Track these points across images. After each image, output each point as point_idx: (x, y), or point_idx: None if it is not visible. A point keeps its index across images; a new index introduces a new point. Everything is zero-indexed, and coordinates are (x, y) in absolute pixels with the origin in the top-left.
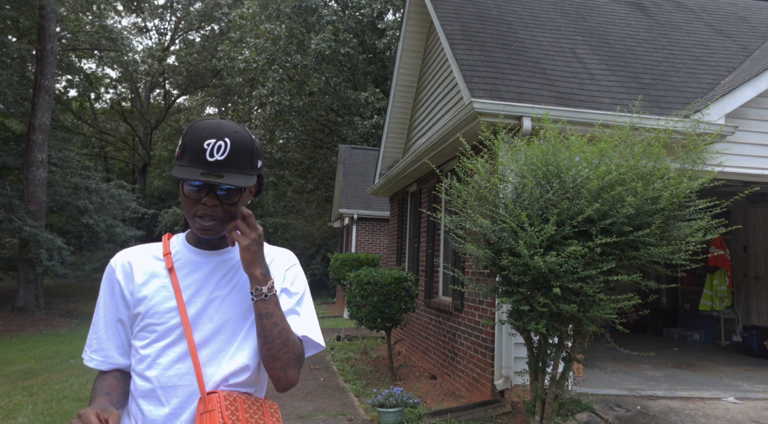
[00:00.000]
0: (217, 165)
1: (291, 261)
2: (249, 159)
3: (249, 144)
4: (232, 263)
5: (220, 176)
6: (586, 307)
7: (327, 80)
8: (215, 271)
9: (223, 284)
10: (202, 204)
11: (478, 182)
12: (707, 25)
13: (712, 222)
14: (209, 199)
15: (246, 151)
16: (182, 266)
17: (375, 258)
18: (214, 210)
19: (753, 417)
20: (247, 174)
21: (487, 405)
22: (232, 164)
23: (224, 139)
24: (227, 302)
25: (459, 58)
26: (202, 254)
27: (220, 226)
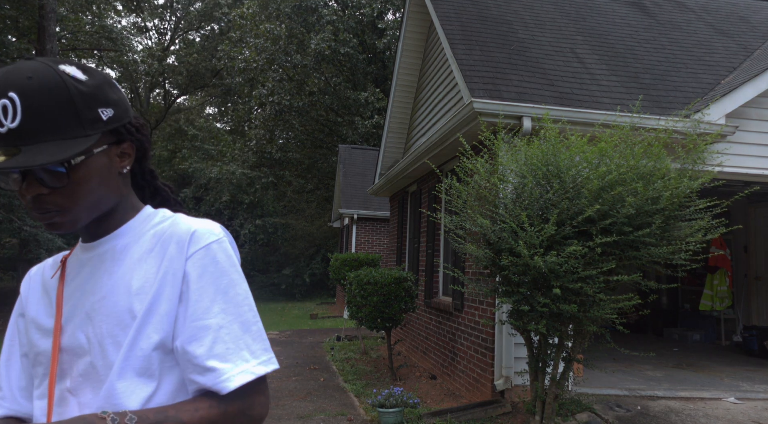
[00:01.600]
0: (13, 137)
1: (196, 242)
2: (67, 113)
3: (58, 89)
4: (114, 252)
5: (13, 154)
6: (586, 307)
7: (327, 80)
8: (96, 268)
9: (100, 285)
10: (23, 196)
11: (478, 182)
12: (708, 24)
13: (712, 222)
14: (29, 187)
15: (56, 102)
16: (70, 270)
17: (375, 258)
18: (47, 199)
19: (753, 417)
20: (69, 137)
21: (487, 405)
22: (35, 131)
23: (8, 94)
24: (103, 309)
25: (459, 58)
26: (83, 249)
27: (71, 217)
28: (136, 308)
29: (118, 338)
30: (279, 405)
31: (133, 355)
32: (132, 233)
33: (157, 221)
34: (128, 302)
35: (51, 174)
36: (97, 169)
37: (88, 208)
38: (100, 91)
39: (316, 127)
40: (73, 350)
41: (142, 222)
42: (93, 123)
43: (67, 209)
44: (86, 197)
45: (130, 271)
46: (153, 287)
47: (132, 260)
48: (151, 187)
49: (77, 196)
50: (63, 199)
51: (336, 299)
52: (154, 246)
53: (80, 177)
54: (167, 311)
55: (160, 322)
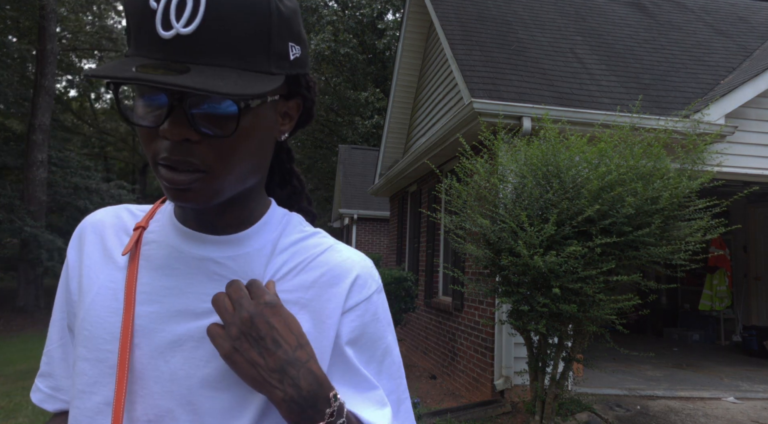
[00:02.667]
0: (179, 47)
1: (367, 287)
2: (260, 37)
3: (259, 4)
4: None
5: (180, 71)
6: (586, 307)
7: (327, 80)
8: (205, 273)
9: (196, 307)
10: (162, 138)
11: (478, 182)
12: (707, 25)
13: (711, 222)
14: (174, 126)
15: (251, 19)
16: (152, 256)
17: (375, 258)
18: (192, 149)
19: (753, 417)
20: (252, 69)
21: (487, 405)
22: (214, 46)
23: None
24: (185, 350)
25: (459, 58)
26: (188, 238)
27: (212, 183)
28: None
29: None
30: None
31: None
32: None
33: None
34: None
35: (215, 114)
36: (264, 126)
37: (238, 178)
38: (295, 19)
39: (316, 127)
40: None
41: (273, 229)
42: (280, 59)
43: (215, 172)
44: (243, 160)
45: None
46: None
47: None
48: (282, 172)
49: (233, 156)
50: (215, 156)
51: None
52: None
53: (246, 129)
54: None
55: None
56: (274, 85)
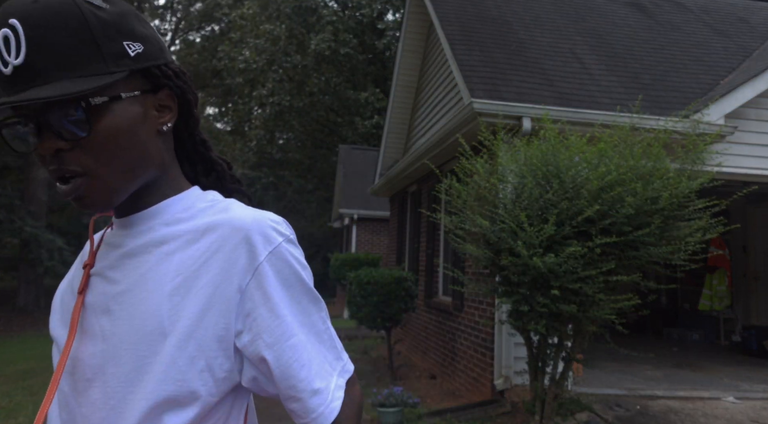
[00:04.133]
0: (19, 77)
1: (269, 238)
2: (83, 44)
3: (71, 17)
4: (159, 230)
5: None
6: (585, 307)
7: (327, 80)
8: (123, 251)
9: (124, 273)
10: (41, 156)
11: (478, 182)
12: (707, 25)
13: (711, 222)
14: (45, 142)
15: (68, 29)
16: (100, 258)
17: (375, 258)
18: (66, 158)
19: (752, 417)
20: (88, 74)
21: (487, 405)
22: (45, 66)
23: (8, 22)
24: (126, 308)
25: (459, 58)
26: (117, 225)
27: (99, 184)
28: (165, 316)
29: (138, 350)
30: (280, 404)
31: (189, 370)
32: (175, 213)
33: (206, 207)
34: (158, 305)
35: (68, 121)
36: (129, 121)
37: (122, 174)
38: (124, 21)
39: (316, 127)
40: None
41: (190, 204)
42: (117, 58)
43: (95, 172)
44: (117, 156)
45: (164, 271)
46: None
47: (175, 250)
48: (204, 161)
49: (105, 154)
50: (88, 157)
51: (336, 299)
52: (208, 244)
53: (106, 127)
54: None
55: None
56: (106, 81)
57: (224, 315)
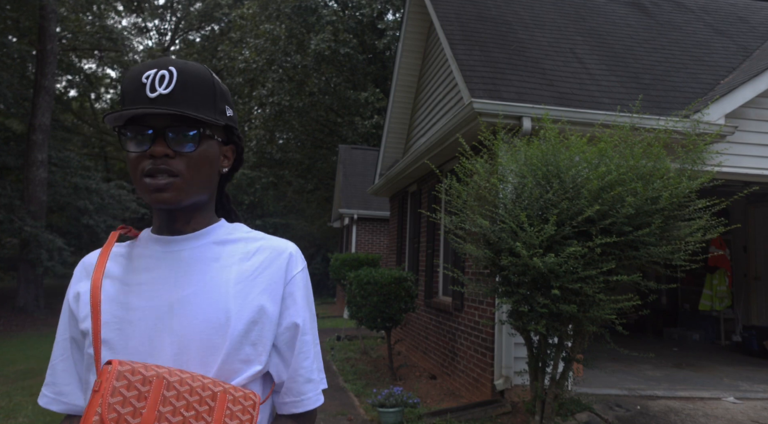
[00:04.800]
0: (161, 101)
1: (295, 264)
2: (208, 96)
3: (206, 78)
4: (203, 251)
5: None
6: (585, 307)
7: (327, 80)
8: (177, 264)
9: (186, 282)
10: (149, 157)
11: (478, 183)
12: (707, 25)
13: (711, 222)
14: (157, 147)
15: (202, 86)
16: (135, 259)
17: (375, 258)
18: (168, 162)
19: (753, 417)
20: (206, 114)
21: (487, 405)
22: (181, 100)
23: (168, 68)
24: (192, 307)
25: (459, 58)
26: (161, 243)
27: (182, 185)
28: (233, 310)
29: (214, 331)
30: None
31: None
32: (219, 236)
33: (247, 236)
34: (225, 303)
35: (184, 139)
36: (212, 155)
37: (197, 186)
38: (227, 94)
39: (316, 127)
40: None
41: (230, 230)
42: (221, 113)
43: (184, 178)
44: (200, 173)
45: (227, 275)
46: (256, 302)
47: (231, 264)
48: (223, 208)
49: (195, 169)
50: (183, 167)
51: (336, 299)
52: (260, 261)
53: (203, 152)
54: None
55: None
56: (216, 122)
57: (274, 302)
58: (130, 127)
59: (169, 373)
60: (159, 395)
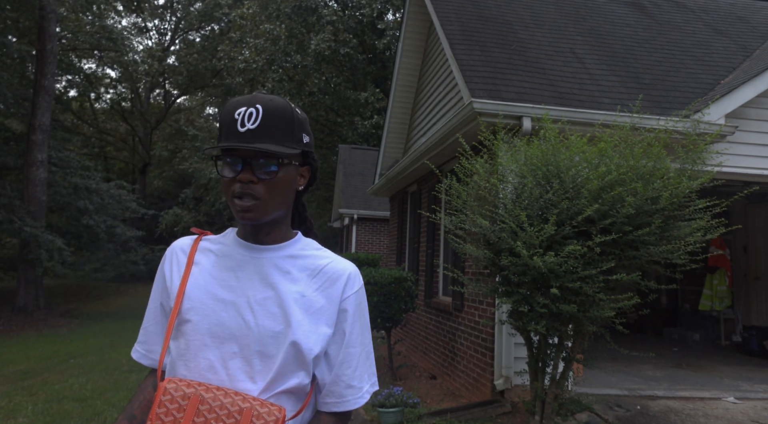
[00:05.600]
0: (249, 135)
1: (352, 285)
2: (287, 128)
3: (287, 112)
4: (279, 263)
5: (251, 144)
6: (585, 307)
7: (327, 80)
8: (258, 269)
9: (263, 286)
10: (238, 181)
11: (478, 183)
12: (707, 25)
13: (711, 222)
14: (244, 174)
15: (283, 119)
16: (222, 256)
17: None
18: (252, 187)
19: (753, 417)
20: (284, 144)
21: (487, 405)
22: (265, 134)
23: (255, 106)
24: (266, 309)
25: (459, 58)
26: (246, 248)
27: (262, 207)
28: (296, 321)
29: (278, 335)
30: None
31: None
32: (294, 251)
33: (316, 254)
34: (295, 311)
35: (265, 168)
36: (289, 177)
37: (275, 206)
38: (306, 123)
39: (316, 127)
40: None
41: (303, 246)
42: (298, 141)
43: (263, 200)
44: (278, 195)
45: (294, 289)
46: (317, 313)
47: (300, 279)
48: (300, 216)
49: (273, 192)
50: (264, 191)
51: None
52: (322, 281)
53: (282, 177)
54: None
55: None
56: (295, 152)
57: (330, 326)
58: (225, 157)
59: (206, 389)
60: (195, 409)
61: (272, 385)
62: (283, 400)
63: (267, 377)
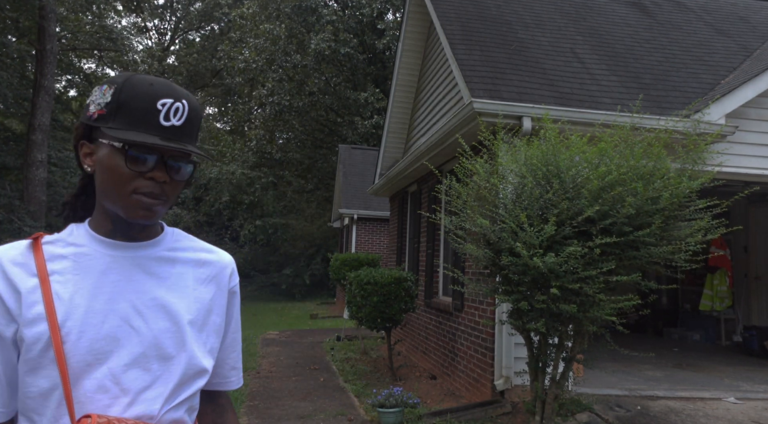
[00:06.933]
0: (171, 132)
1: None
2: (198, 130)
3: (200, 113)
4: (165, 256)
5: (176, 143)
6: (586, 307)
7: (327, 80)
8: (135, 268)
9: (148, 285)
10: (148, 179)
11: (478, 183)
12: (707, 25)
13: (712, 222)
14: (159, 173)
15: (198, 118)
16: (80, 261)
17: (375, 258)
18: (163, 187)
19: (753, 417)
20: (196, 145)
21: (487, 405)
22: (187, 133)
23: (182, 100)
24: (155, 311)
25: (459, 58)
26: (115, 247)
27: (164, 207)
28: (190, 315)
29: (175, 334)
30: (279, 405)
31: (203, 352)
32: (171, 243)
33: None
34: (186, 308)
35: (183, 170)
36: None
37: (171, 206)
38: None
39: (316, 127)
40: (126, 335)
41: (176, 238)
42: (197, 141)
43: (168, 201)
44: (176, 196)
45: (183, 284)
46: (209, 305)
47: (186, 272)
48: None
49: (177, 193)
50: (171, 192)
51: (336, 299)
52: (210, 271)
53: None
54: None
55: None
56: (202, 156)
57: (220, 315)
58: (134, 150)
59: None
60: None
61: (178, 390)
62: (186, 408)
63: (171, 382)
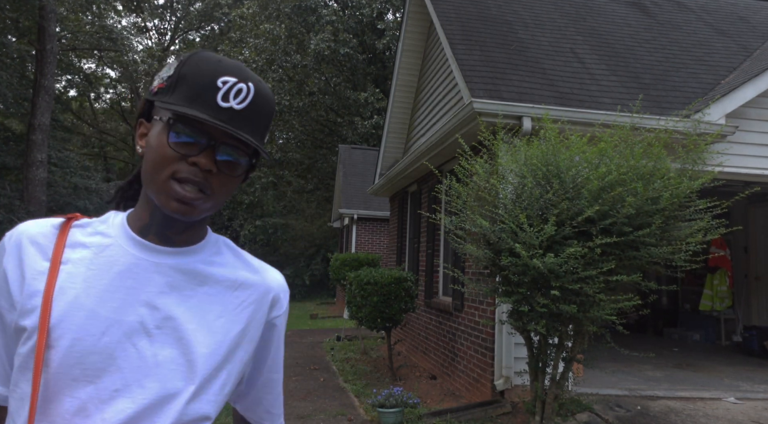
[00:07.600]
0: (229, 115)
1: (285, 300)
2: (267, 122)
3: (272, 103)
4: (196, 269)
5: (228, 124)
6: (586, 307)
7: (327, 80)
8: (159, 278)
9: (166, 302)
10: (190, 164)
11: (478, 183)
12: (707, 25)
13: (712, 222)
14: (205, 159)
15: (268, 109)
16: (101, 255)
17: (375, 258)
18: (207, 177)
19: (753, 417)
20: (259, 140)
21: (487, 405)
22: (248, 121)
23: (247, 82)
24: (167, 334)
25: (459, 58)
26: (144, 247)
27: (207, 203)
28: (206, 349)
29: (181, 368)
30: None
31: (209, 396)
32: (208, 256)
33: (235, 260)
34: (203, 339)
35: (234, 161)
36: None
37: (217, 206)
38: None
39: (316, 127)
40: (123, 353)
41: (217, 249)
42: (264, 139)
43: (212, 196)
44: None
45: (207, 308)
46: (235, 339)
47: (210, 297)
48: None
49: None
50: (218, 186)
51: (336, 299)
52: (245, 297)
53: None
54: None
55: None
56: (265, 156)
57: (248, 352)
58: (184, 125)
59: None
60: None
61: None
62: None
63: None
